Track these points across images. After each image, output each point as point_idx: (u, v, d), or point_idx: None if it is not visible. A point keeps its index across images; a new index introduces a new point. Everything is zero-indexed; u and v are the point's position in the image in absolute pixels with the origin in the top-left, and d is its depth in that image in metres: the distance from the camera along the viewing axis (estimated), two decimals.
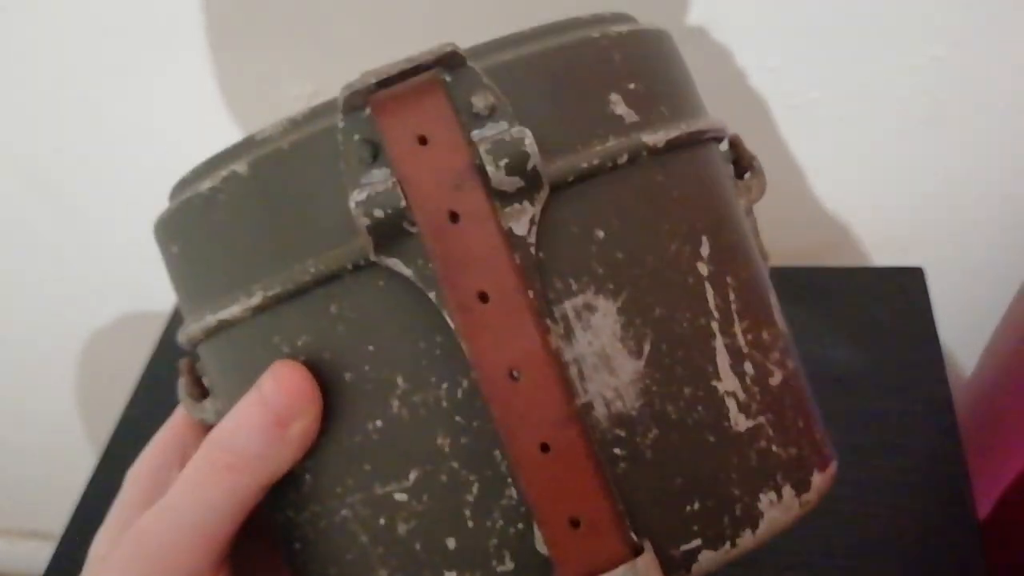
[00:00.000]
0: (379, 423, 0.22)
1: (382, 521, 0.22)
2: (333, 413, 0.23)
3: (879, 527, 0.44)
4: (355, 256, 0.22)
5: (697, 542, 0.22)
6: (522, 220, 0.21)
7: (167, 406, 0.28)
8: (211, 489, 0.22)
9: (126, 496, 0.27)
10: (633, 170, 0.23)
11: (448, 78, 0.22)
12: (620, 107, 0.23)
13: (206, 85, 0.56)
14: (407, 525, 0.22)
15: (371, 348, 0.22)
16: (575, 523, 0.21)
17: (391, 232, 0.21)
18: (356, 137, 0.21)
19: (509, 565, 0.22)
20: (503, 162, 0.21)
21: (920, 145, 0.54)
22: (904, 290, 0.56)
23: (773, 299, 0.26)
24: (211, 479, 0.22)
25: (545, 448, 0.21)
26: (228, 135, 0.58)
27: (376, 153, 0.21)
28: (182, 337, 0.26)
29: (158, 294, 0.71)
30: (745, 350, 0.24)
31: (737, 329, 0.24)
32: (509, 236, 0.21)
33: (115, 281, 0.73)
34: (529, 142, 0.21)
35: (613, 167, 0.23)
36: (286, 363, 0.22)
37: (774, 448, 0.24)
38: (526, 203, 0.21)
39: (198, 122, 0.58)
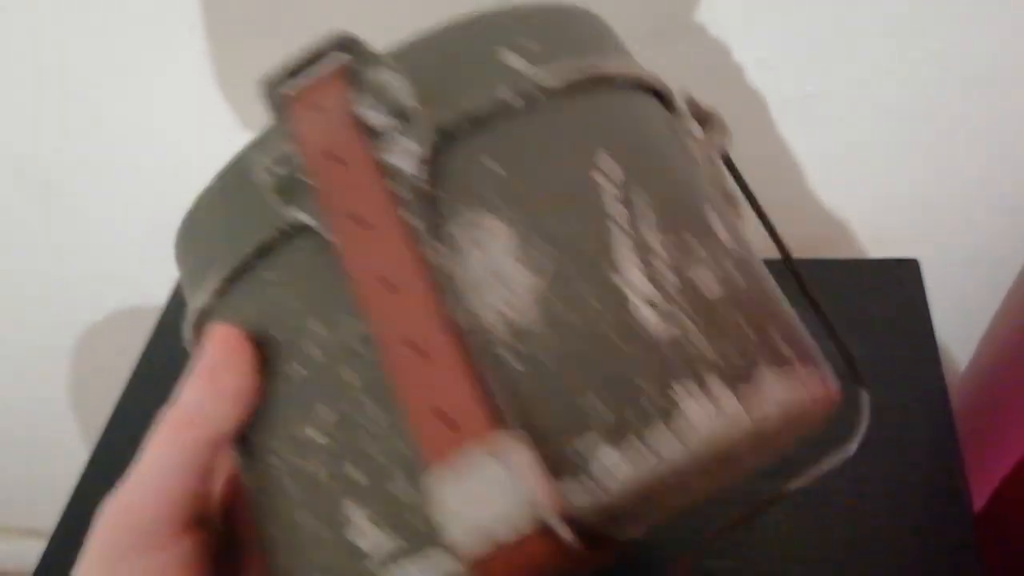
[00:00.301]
0: (297, 366, 0.24)
1: (301, 461, 0.23)
2: (269, 369, 0.24)
3: (874, 519, 0.44)
4: (277, 221, 0.24)
5: (592, 436, 0.20)
6: (403, 156, 0.23)
7: (159, 401, 0.28)
8: (167, 447, 0.24)
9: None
10: (531, 113, 0.24)
11: (347, 60, 0.25)
12: (514, 60, 0.25)
13: (206, 85, 0.56)
14: (318, 458, 0.23)
15: (294, 302, 0.24)
16: (443, 417, 0.21)
17: (293, 186, 0.24)
18: (275, 125, 0.25)
19: (398, 481, 0.21)
20: (379, 105, 0.23)
21: (916, 138, 0.54)
22: (900, 282, 0.56)
23: (717, 221, 0.25)
24: (165, 438, 0.24)
25: (416, 348, 0.21)
26: (228, 135, 0.58)
27: (287, 135, 0.24)
28: (184, 335, 0.28)
29: (153, 290, 0.71)
30: (658, 251, 0.22)
31: (647, 234, 0.23)
32: (385, 167, 0.23)
33: (109, 278, 0.73)
34: (400, 83, 0.23)
35: (508, 110, 0.24)
36: (221, 325, 0.25)
37: (693, 340, 0.21)
38: (408, 142, 0.23)
39: (198, 122, 0.58)
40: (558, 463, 0.20)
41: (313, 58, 0.24)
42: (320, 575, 0.22)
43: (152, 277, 0.70)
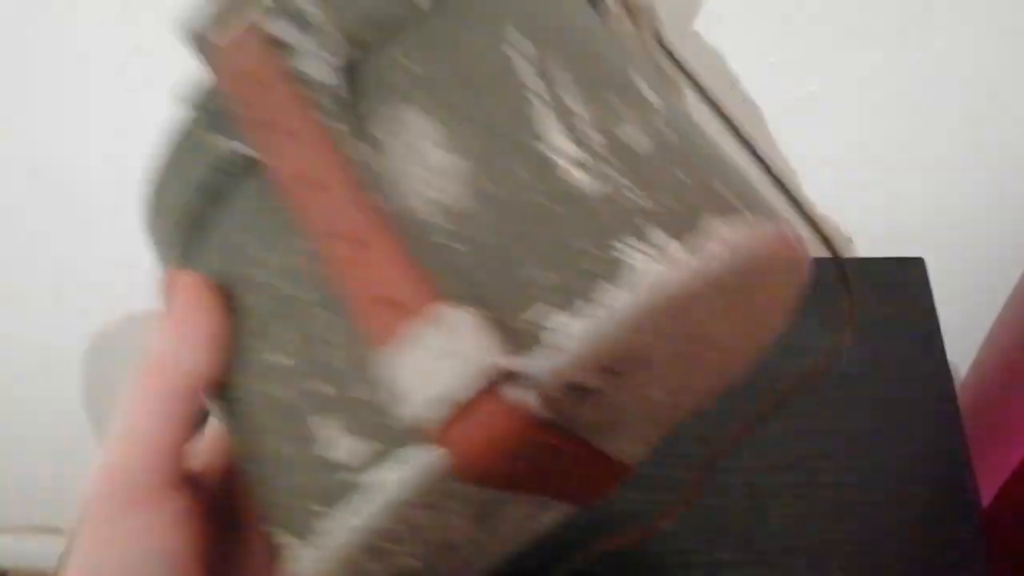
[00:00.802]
0: (254, 297, 0.24)
1: (269, 389, 0.23)
2: (234, 314, 0.24)
3: (881, 513, 0.45)
4: (212, 159, 0.25)
5: (539, 306, 0.19)
6: (322, 67, 0.23)
7: None
8: (146, 399, 0.24)
9: None
10: (442, 10, 0.24)
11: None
12: None
13: None
14: (282, 383, 0.22)
15: (243, 236, 0.24)
16: (386, 302, 0.20)
17: (217, 118, 0.24)
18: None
19: (364, 386, 0.21)
20: (285, 18, 0.24)
21: (919, 138, 0.55)
22: (905, 281, 0.56)
23: (643, 86, 0.24)
24: (141, 388, 0.24)
25: (350, 240, 0.21)
26: None
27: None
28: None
29: None
30: (587, 117, 0.22)
31: (573, 104, 0.22)
32: (307, 80, 0.23)
33: (127, 278, 0.73)
34: (313, 11, 0.23)
35: (418, 13, 0.24)
36: (184, 273, 0.25)
37: (629, 196, 0.20)
38: (322, 51, 0.23)
39: None
40: (511, 338, 0.19)
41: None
42: (299, 498, 0.22)
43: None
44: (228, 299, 0.24)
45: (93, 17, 0.54)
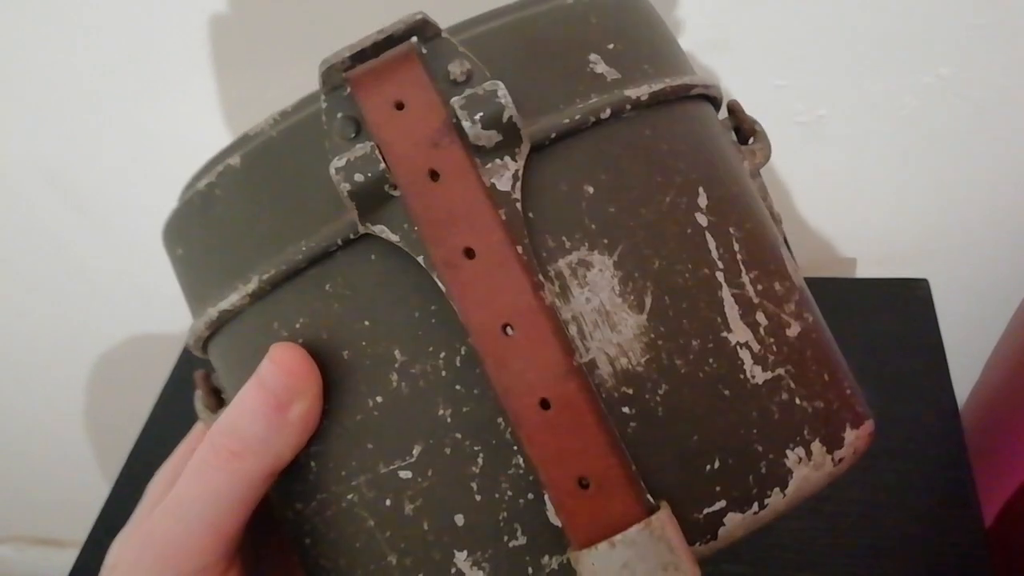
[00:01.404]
0: (379, 399, 0.22)
1: (388, 502, 0.22)
2: (334, 394, 0.22)
3: (886, 527, 0.45)
4: (344, 229, 0.21)
5: (721, 504, 0.21)
6: (504, 176, 0.21)
7: (190, 417, 0.28)
8: (215, 478, 0.21)
9: (145, 501, 0.26)
10: (618, 125, 0.23)
11: (424, 50, 0.21)
12: (600, 66, 0.23)
13: (241, 102, 0.57)
14: (413, 504, 0.21)
15: (367, 323, 0.22)
16: (583, 483, 0.20)
17: (373, 196, 0.21)
18: (339, 115, 0.21)
19: (521, 540, 0.21)
20: (478, 116, 0.20)
21: (926, 161, 0.55)
22: (910, 301, 0.57)
23: (786, 255, 0.25)
24: (215, 467, 0.21)
25: (545, 405, 0.20)
26: None
27: (359, 128, 0.21)
28: (189, 338, 0.26)
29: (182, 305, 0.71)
30: (756, 300, 0.23)
31: (745, 279, 0.23)
32: (492, 191, 0.21)
33: (140, 291, 0.74)
34: (502, 93, 0.21)
35: (597, 122, 0.22)
36: (284, 345, 0.22)
37: (797, 401, 0.22)
38: (507, 158, 0.21)
39: (231, 139, 0.59)
40: (690, 529, 0.21)
41: (385, 43, 0.21)
42: None
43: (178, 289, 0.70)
44: (327, 379, 0.22)
45: (111, 26, 0.54)
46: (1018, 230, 0.58)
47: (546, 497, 0.21)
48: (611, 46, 0.23)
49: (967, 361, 0.65)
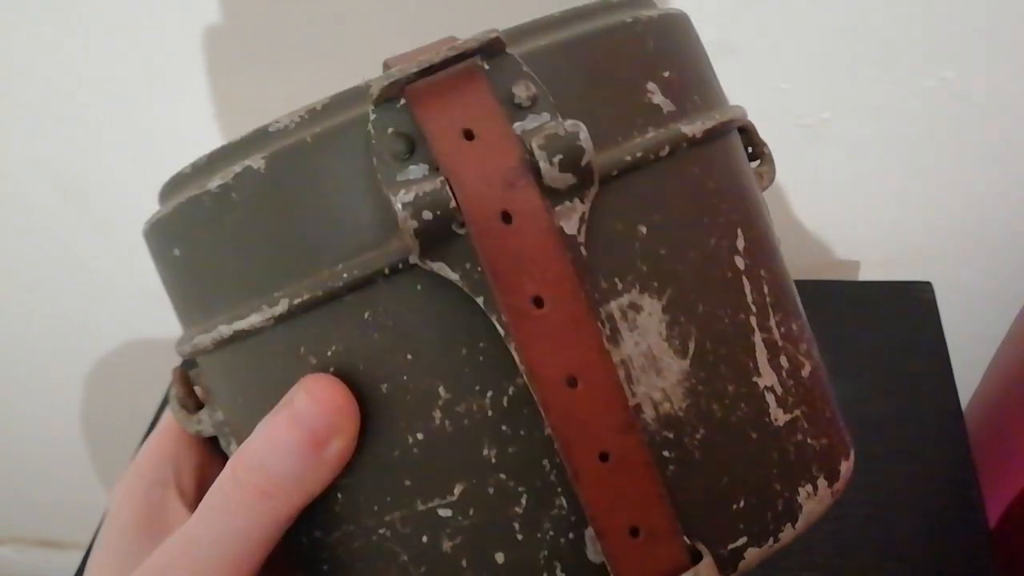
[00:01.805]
0: (420, 435, 0.21)
1: (425, 539, 0.21)
2: (370, 426, 0.21)
3: (892, 531, 0.45)
4: (392, 259, 0.20)
5: (743, 540, 0.22)
6: (572, 219, 0.20)
7: None
8: (241, 517, 0.20)
9: (121, 520, 0.24)
10: (672, 162, 0.22)
11: (487, 66, 0.20)
12: (657, 96, 0.22)
13: (241, 102, 0.57)
14: (452, 541, 0.21)
15: (409, 356, 0.20)
16: (634, 532, 0.20)
17: (438, 235, 0.19)
18: (389, 130, 0.20)
19: None
20: (557, 158, 0.19)
21: (928, 163, 0.56)
22: (914, 303, 0.57)
23: (794, 287, 0.25)
24: (241, 506, 0.20)
25: (604, 457, 0.20)
26: None
27: (412, 147, 0.20)
28: (185, 348, 0.24)
29: None
30: (780, 343, 0.23)
31: (772, 323, 0.23)
32: (560, 235, 0.20)
33: (140, 291, 0.74)
34: (584, 137, 0.20)
35: (655, 159, 0.21)
36: (321, 377, 0.20)
37: (809, 440, 0.23)
38: (576, 201, 0.20)
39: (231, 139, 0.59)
40: (721, 566, 0.21)
41: (454, 59, 0.20)
42: None
43: None
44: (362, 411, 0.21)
45: (112, 26, 0.54)
46: (1021, 232, 0.59)
47: (586, 536, 0.21)
48: (667, 74, 0.23)
49: (970, 363, 0.65)
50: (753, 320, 0.23)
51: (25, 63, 0.57)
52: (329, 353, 0.21)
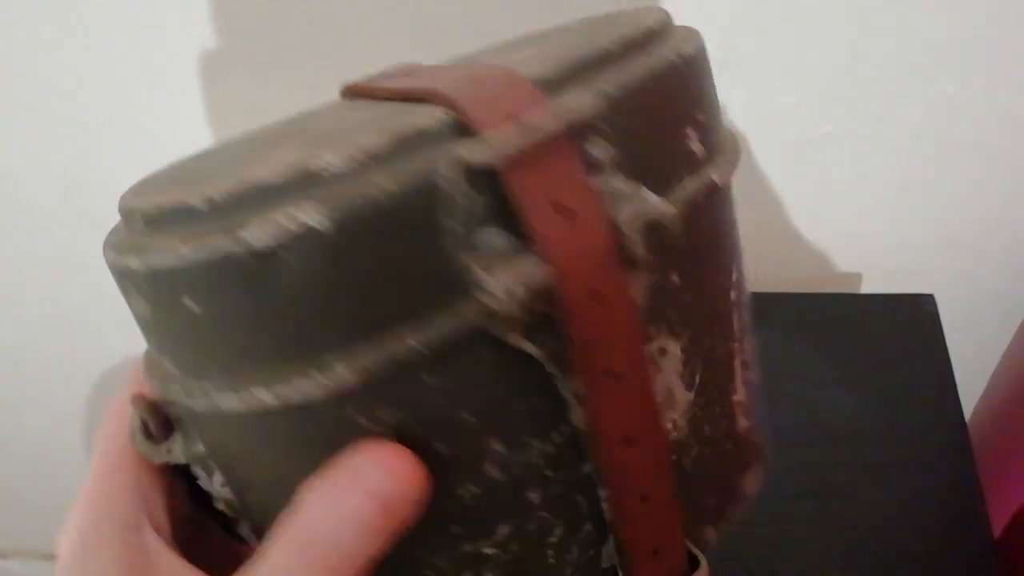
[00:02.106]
0: (472, 487, 0.20)
1: (468, 574, 0.22)
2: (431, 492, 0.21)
3: (895, 541, 0.45)
4: (465, 327, 0.19)
5: (709, 529, 0.24)
6: (641, 286, 0.20)
7: None
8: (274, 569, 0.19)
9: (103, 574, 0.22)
10: (703, 210, 0.22)
11: (592, 158, 0.19)
12: (694, 143, 0.22)
13: (241, 103, 0.57)
14: (492, 573, 0.22)
15: (468, 417, 0.20)
16: (656, 551, 0.23)
17: (528, 312, 0.18)
18: (469, 191, 0.18)
19: None
20: (644, 236, 0.19)
21: (930, 176, 0.56)
22: (916, 316, 0.57)
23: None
24: (282, 555, 0.19)
25: (645, 499, 0.22)
26: None
27: (491, 210, 0.18)
28: (199, 401, 0.20)
29: None
30: (748, 360, 0.25)
31: (746, 345, 0.25)
32: (637, 310, 0.20)
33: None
34: (672, 214, 0.19)
35: (691, 210, 0.21)
36: (389, 446, 0.19)
37: (757, 439, 0.26)
38: (647, 271, 0.20)
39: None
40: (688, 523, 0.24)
41: (550, 142, 0.18)
42: None
43: None
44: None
45: (112, 27, 0.54)
46: (1023, 245, 0.58)
47: (603, 552, 0.23)
48: (701, 117, 0.22)
49: (973, 375, 0.65)
50: (735, 346, 0.24)
51: (25, 63, 0.57)
52: (382, 415, 0.19)
